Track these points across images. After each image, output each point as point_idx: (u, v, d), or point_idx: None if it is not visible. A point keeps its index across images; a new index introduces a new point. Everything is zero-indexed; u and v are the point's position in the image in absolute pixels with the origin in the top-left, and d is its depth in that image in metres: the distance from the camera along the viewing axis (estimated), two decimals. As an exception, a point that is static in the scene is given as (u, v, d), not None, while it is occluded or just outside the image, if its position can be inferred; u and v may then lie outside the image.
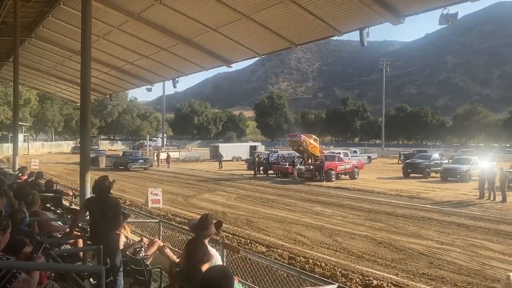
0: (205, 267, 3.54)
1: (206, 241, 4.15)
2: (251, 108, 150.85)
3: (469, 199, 20.77)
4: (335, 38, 9.85)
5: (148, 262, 5.76)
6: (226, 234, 12.53)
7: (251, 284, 5.10)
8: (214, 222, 4.49)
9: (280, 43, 9.81)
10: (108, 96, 22.48)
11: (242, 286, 3.98)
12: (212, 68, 13.11)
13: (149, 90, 17.25)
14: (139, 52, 13.27)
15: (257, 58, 11.62)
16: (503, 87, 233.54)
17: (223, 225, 13.90)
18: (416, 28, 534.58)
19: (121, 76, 16.84)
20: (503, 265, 9.85)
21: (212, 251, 4.32)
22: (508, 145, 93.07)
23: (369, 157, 49.89)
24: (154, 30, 10.84)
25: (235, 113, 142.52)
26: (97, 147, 54.03)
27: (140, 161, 40.31)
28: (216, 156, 46.92)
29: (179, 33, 10.83)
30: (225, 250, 5.50)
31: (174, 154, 52.12)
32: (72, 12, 11.42)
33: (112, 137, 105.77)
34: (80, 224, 7.43)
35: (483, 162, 29.32)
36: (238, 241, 11.51)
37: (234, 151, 55.30)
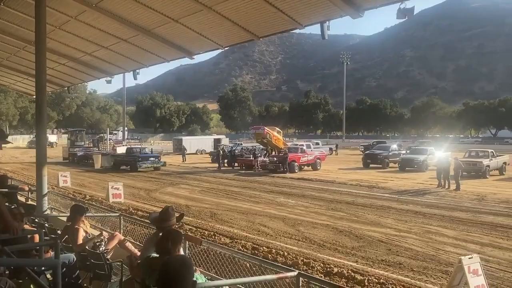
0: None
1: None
2: (215, 100, 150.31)
3: (425, 188, 21.61)
4: (297, 31, 9.95)
5: (109, 256, 5.67)
6: (190, 227, 12.49)
7: (213, 275, 5.14)
8: (176, 215, 4.49)
9: (243, 35, 9.80)
10: (66, 88, 21.72)
11: (205, 277, 4.00)
12: (174, 60, 12.91)
13: (108, 82, 16.76)
14: (98, 43, 12.89)
15: (220, 50, 11.55)
16: (457, 80, 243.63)
17: (187, 218, 13.86)
18: (376, 22, 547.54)
19: (80, 67, 16.29)
20: (456, 250, 10.33)
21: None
22: (462, 135, 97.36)
23: (330, 149, 50.83)
24: (114, 21, 10.55)
25: (198, 105, 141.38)
26: (83, 143, 46.33)
27: (152, 159, 32.49)
28: (179, 149, 46.44)
29: (139, 24, 10.60)
30: (187, 242, 5.50)
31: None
32: (26, 1, 10.95)
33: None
34: (36, 220, 7.21)
35: (438, 152, 30.62)
36: (202, 233, 11.51)
37: (198, 144, 54.94)
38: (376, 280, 7.52)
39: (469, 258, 6.82)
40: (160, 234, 3.98)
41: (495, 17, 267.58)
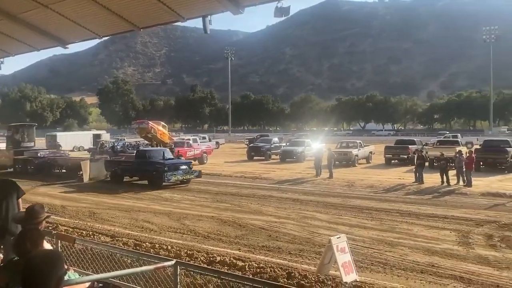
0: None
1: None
2: (94, 93, 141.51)
3: (303, 177, 23.16)
4: (182, 24, 9.90)
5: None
6: (66, 228, 11.68)
7: (89, 273, 4.93)
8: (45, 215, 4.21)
9: (122, 25, 9.41)
10: None
11: (79, 275, 3.83)
12: (45, 49, 11.86)
13: (-36, 70, 14.70)
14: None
15: (98, 40, 10.92)
16: (332, 77, 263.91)
17: (62, 219, 12.95)
18: (258, 20, 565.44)
19: None
20: (328, 232, 11.29)
21: (46, 245, 4.05)
22: (335, 128, 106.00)
23: (217, 143, 51.50)
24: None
25: (75, 99, 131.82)
26: (33, 143, 30.96)
27: (183, 167, 21.00)
28: (53, 146, 42.79)
29: (3, 8, 9.54)
30: (59, 242, 5.18)
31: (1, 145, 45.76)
32: None
33: None
34: None
35: (315, 144, 33.13)
36: (79, 233, 10.85)
37: (75, 140, 51.24)
38: (256, 265, 7.91)
39: (337, 238, 7.52)
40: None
41: (363, 20, 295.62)
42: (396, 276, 7.96)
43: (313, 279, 7.03)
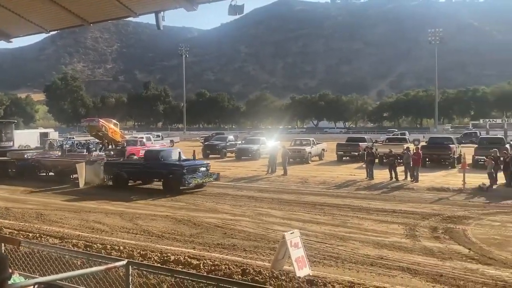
0: None
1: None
2: (41, 90, 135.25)
3: (258, 174, 23.31)
4: (134, 20, 9.72)
5: None
6: (10, 230, 11.12)
7: (36, 276, 4.73)
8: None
9: (71, 19, 9.05)
10: None
11: (25, 278, 3.67)
12: (-15, 42, 11.23)
13: None
14: None
15: (44, 35, 10.45)
16: (286, 76, 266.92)
17: (7, 222, 12.32)
18: (213, 17, 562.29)
19: None
20: (282, 228, 11.44)
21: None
22: (290, 126, 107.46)
23: (171, 141, 50.71)
24: None
25: (20, 96, 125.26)
26: (11, 143, 28.70)
27: (203, 169, 19.19)
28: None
29: None
30: (2, 245, 4.93)
31: None
32: None
33: None
34: None
35: (270, 141, 33.44)
36: (25, 236, 10.36)
37: (21, 139, 48.68)
38: (211, 263, 7.90)
39: (291, 233, 7.68)
40: None
41: (316, 21, 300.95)
42: (348, 269, 8.22)
43: (267, 274, 7.12)
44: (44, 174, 23.42)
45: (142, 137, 35.46)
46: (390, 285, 7.21)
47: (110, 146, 32.95)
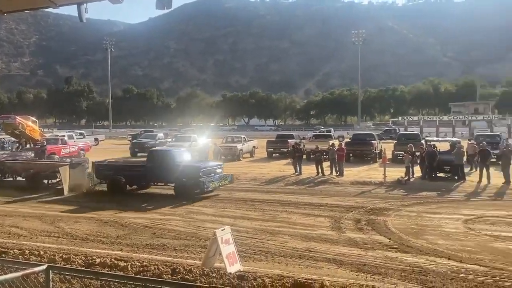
0: None
1: None
2: None
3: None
4: (54, 11, 9.14)
5: None
6: None
7: None
8: None
9: (-20, 7, 8.32)
10: None
11: None
12: None
13: None
14: None
15: None
16: (216, 73, 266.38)
17: None
18: (140, 11, 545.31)
19: None
20: (214, 225, 11.38)
21: None
22: (221, 124, 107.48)
23: (96, 139, 48.51)
24: None
25: None
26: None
27: (219, 170, 17.24)
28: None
29: None
30: None
31: None
32: None
33: None
34: None
35: (201, 139, 33.18)
36: None
37: None
38: (139, 264, 7.67)
39: (221, 230, 7.68)
40: None
41: (245, 19, 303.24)
42: (277, 263, 8.39)
43: (198, 273, 7.06)
44: (13, 179, 20.08)
45: (64, 135, 33.54)
46: (317, 276, 7.47)
47: (28, 145, 30.82)
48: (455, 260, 8.44)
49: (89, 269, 6.26)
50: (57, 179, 18.19)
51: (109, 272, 5.47)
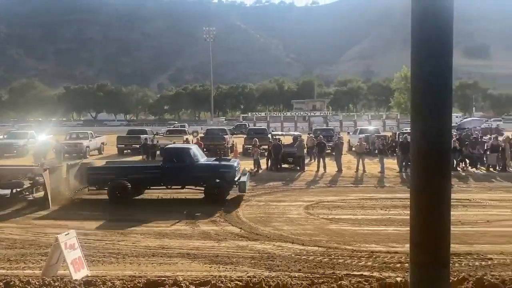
0: None
1: None
2: None
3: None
4: None
5: None
6: None
7: None
8: None
9: None
10: None
11: None
12: None
13: None
14: None
15: None
16: (58, 63, 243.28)
17: None
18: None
19: None
20: (56, 230, 10.40)
21: None
22: (65, 119, 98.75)
23: None
24: None
25: None
26: None
27: (246, 169, 15.61)
28: None
29: None
30: None
31: None
32: None
33: None
34: None
35: (40, 135, 30.02)
36: None
37: None
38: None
39: (65, 235, 7.08)
40: None
41: (91, 6, 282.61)
42: (129, 264, 8.09)
43: (37, 283, 6.37)
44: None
45: None
46: (171, 272, 7.43)
47: None
48: (298, 243, 9.26)
49: None
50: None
51: None
